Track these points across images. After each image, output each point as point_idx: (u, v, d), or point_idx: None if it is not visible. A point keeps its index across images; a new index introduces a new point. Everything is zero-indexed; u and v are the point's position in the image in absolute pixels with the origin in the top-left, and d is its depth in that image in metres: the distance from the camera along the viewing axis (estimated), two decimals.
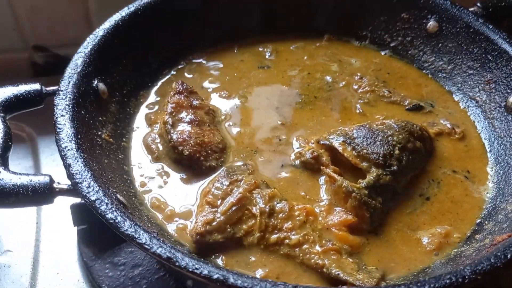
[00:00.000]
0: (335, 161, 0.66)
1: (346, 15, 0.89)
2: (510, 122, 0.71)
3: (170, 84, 0.78)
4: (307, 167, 0.67)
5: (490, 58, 0.76)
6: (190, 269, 0.45)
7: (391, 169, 0.62)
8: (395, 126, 0.67)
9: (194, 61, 0.83)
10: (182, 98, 0.71)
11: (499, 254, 0.47)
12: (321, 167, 0.65)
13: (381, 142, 0.64)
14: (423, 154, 0.68)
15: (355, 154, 0.64)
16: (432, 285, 0.44)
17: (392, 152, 0.64)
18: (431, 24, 0.83)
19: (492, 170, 0.69)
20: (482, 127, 0.74)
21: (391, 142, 0.65)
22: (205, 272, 0.45)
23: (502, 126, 0.72)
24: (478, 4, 0.82)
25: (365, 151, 0.63)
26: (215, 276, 0.45)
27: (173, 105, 0.70)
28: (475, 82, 0.78)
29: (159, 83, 0.79)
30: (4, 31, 0.99)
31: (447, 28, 0.81)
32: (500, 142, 0.71)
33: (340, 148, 0.64)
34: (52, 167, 0.83)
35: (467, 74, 0.79)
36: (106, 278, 0.66)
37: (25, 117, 0.68)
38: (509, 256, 0.47)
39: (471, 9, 0.81)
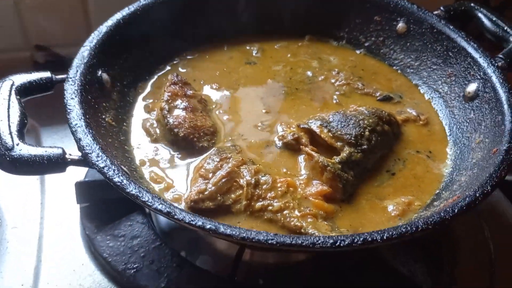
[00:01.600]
0: (313, 142, 0.74)
1: (325, 19, 0.97)
2: (467, 109, 0.80)
3: (165, 77, 0.86)
4: (288, 148, 0.75)
5: (451, 54, 0.85)
6: (187, 221, 0.53)
7: (362, 147, 0.71)
8: (366, 112, 0.76)
9: (187, 57, 0.91)
10: (177, 88, 0.79)
11: (448, 209, 0.56)
12: (301, 146, 0.73)
13: (354, 125, 0.73)
14: (390, 136, 0.76)
15: (331, 135, 0.72)
16: (390, 233, 0.53)
17: (363, 133, 0.72)
18: (400, 25, 0.92)
19: (451, 150, 0.78)
20: (444, 115, 0.83)
21: (362, 125, 0.73)
22: (199, 223, 0.53)
23: (460, 113, 0.81)
24: (442, 8, 0.92)
25: (339, 132, 0.72)
26: (208, 226, 0.52)
27: (169, 93, 0.77)
28: (438, 76, 0.87)
29: (156, 76, 0.87)
30: (9, 31, 1.06)
31: (414, 29, 0.90)
32: (458, 126, 0.80)
33: (317, 130, 0.73)
34: None
35: (431, 69, 0.88)
36: (107, 248, 0.73)
37: (29, 109, 0.75)
38: (456, 210, 0.56)
39: (435, 12, 0.91)
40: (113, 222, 0.76)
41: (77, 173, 0.77)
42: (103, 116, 0.72)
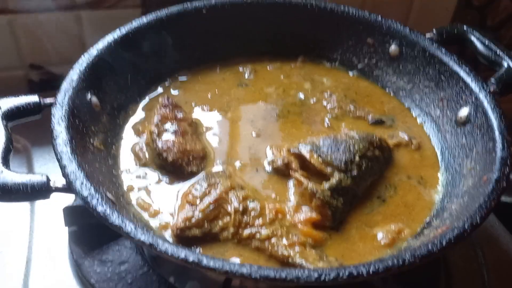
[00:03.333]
0: (303, 167, 0.73)
1: (318, 40, 0.97)
2: (459, 134, 0.79)
3: (156, 99, 0.85)
4: (278, 173, 0.74)
5: (443, 78, 0.85)
6: (169, 253, 0.52)
7: (352, 173, 0.70)
8: (357, 136, 0.76)
9: (179, 79, 0.91)
10: (168, 111, 0.79)
11: (435, 241, 0.55)
12: (291, 171, 0.72)
13: (344, 150, 0.72)
14: (381, 161, 0.76)
15: (321, 160, 0.71)
16: (376, 266, 0.52)
17: (353, 159, 0.72)
18: (393, 48, 0.92)
19: (442, 176, 0.77)
20: (436, 139, 0.83)
21: (352, 150, 0.73)
22: (182, 255, 0.52)
23: (453, 138, 0.80)
24: (434, 31, 0.92)
25: (329, 158, 0.71)
26: (191, 259, 0.52)
27: (159, 117, 0.77)
28: (431, 99, 0.86)
29: (147, 98, 0.87)
30: (4, 51, 1.07)
31: (406, 52, 0.90)
32: (450, 152, 0.79)
33: (307, 156, 0.72)
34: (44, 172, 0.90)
35: (424, 92, 0.88)
36: (94, 274, 0.72)
37: (20, 130, 0.75)
38: (444, 243, 0.55)
39: (428, 35, 0.91)
40: (101, 246, 0.75)
41: (68, 196, 0.76)
42: (91, 140, 0.72)
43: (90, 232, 0.77)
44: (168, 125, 0.76)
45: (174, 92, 0.89)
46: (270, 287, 0.73)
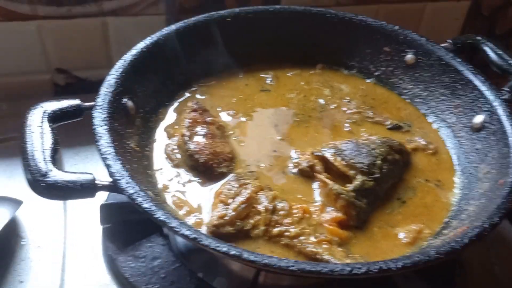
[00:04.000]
0: (327, 170, 0.77)
1: (337, 48, 1.01)
2: (474, 140, 0.83)
3: (185, 103, 0.89)
4: (303, 174, 0.78)
5: (458, 86, 0.89)
6: (212, 247, 0.56)
7: (374, 176, 0.74)
8: (378, 141, 0.80)
9: (205, 84, 0.95)
10: (197, 115, 0.83)
11: (458, 239, 0.59)
12: (315, 174, 0.77)
13: (366, 154, 0.76)
14: (401, 165, 0.80)
15: (344, 163, 0.76)
16: (404, 261, 0.56)
17: (374, 162, 0.76)
18: (409, 56, 0.96)
19: (459, 180, 0.81)
20: (451, 144, 0.87)
21: (374, 154, 0.77)
22: (225, 249, 0.56)
23: (468, 143, 0.84)
24: (449, 41, 0.96)
25: (352, 161, 0.76)
26: (232, 252, 0.56)
27: (190, 120, 0.81)
28: (446, 106, 0.91)
29: (175, 103, 0.91)
30: (32, 55, 1.11)
31: (422, 60, 0.94)
32: (465, 156, 0.83)
33: (331, 159, 0.76)
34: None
35: (439, 99, 0.92)
36: (129, 268, 0.76)
37: None
38: (466, 240, 0.59)
39: (443, 44, 0.95)
40: (134, 243, 0.79)
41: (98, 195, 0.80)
42: (128, 142, 0.76)
43: (123, 229, 0.80)
44: (198, 128, 0.81)
45: (200, 97, 0.93)
46: (298, 282, 0.77)
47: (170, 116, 0.88)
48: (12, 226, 0.83)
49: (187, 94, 0.93)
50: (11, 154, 0.98)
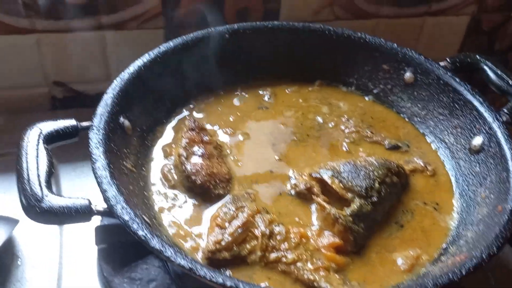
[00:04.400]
0: (324, 192, 0.77)
1: (335, 65, 1.01)
2: (472, 162, 0.83)
3: (182, 121, 0.89)
4: (300, 197, 0.78)
5: (457, 106, 0.88)
6: (208, 278, 0.55)
7: (372, 199, 0.74)
8: (376, 163, 0.79)
9: (203, 101, 0.95)
10: (194, 134, 0.82)
11: (455, 270, 0.59)
12: (313, 196, 0.76)
13: (364, 177, 0.76)
14: (399, 187, 0.79)
15: (342, 186, 0.75)
16: None
17: (373, 185, 0.75)
18: (408, 75, 0.96)
19: (457, 203, 0.80)
20: (450, 166, 0.86)
21: (372, 176, 0.76)
22: (220, 280, 0.55)
23: (466, 165, 0.84)
24: (448, 60, 0.96)
25: (350, 183, 0.75)
26: (229, 284, 0.55)
27: (187, 140, 0.80)
28: (445, 126, 0.90)
29: (173, 120, 0.90)
30: (30, 68, 1.10)
31: (421, 79, 0.94)
32: (464, 179, 0.83)
33: (329, 181, 0.76)
34: (72, 191, 0.93)
35: (438, 119, 0.92)
36: None
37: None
38: (463, 272, 0.59)
39: (441, 63, 0.95)
40: (129, 264, 0.78)
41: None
42: (124, 163, 0.75)
43: (119, 250, 0.80)
44: (195, 148, 0.80)
45: (198, 115, 0.93)
46: None
47: (168, 134, 0.88)
48: (8, 246, 0.82)
49: (185, 112, 0.93)
50: (8, 169, 0.96)
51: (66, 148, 0.94)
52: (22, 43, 1.06)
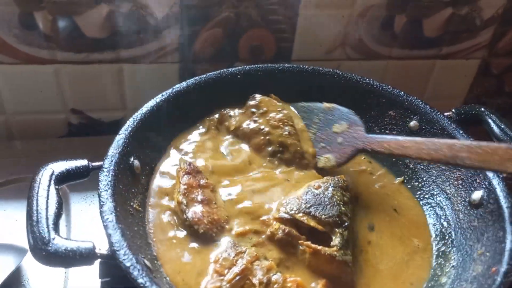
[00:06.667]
0: (297, 228, 0.78)
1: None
2: (471, 216, 0.83)
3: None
4: (284, 243, 0.77)
5: None
6: None
7: (345, 224, 0.78)
8: (329, 185, 0.82)
9: None
10: (191, 178, 0.82)
11: None
12: (298, 241, 0.77)
13: (330, 205, 0.79)
14: (352, 201, 0.85)
15: (318, 221, 0.77)
16: None
17: (341, 210, 0.78)
18: (413, 123, 0.97)
19: (453, 256, 0.81)
20: (449, 217, 0.87)
21: (335, 202, 0.79)
22: None
23: (465, 219, 0.84)
24: (453, 110, 0.98)
25: (324, 216, 0.77)
26: None
27: (185, 186, 0.81)
28: (447, 177, 0.91)
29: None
30: (48, 96, 1.15)
31: (426, 128, 0.95)
32: (462, 232, 0.83)
33: (304, 220, 0.78)
34: (81, 218, 0.98)
35: (440, 169, 0.93)
36: None
37: None
38: None
39: (447, 113, 0.96)
40: None
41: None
42: (131, 203, 0.78)
43: (122, 284, 0.82)
44: (194, 194, 0.80)
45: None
46: None
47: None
48: (17, 275, 0.85)
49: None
50: (22, 196, 1.01)
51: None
52: (41, 72, 1.11)
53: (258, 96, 0.97)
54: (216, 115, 0.98)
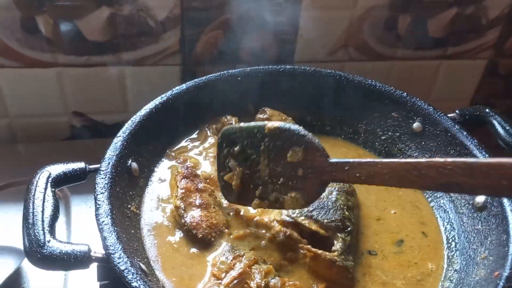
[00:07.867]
0: (300, 232, 0.77)
1: (345, 109, 1.02)
2: (475, 219, 0.82)
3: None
4: (285, 246, 0.77)
5: None
6: None
7: (349, 229, 0.76)
8: (334, 190, 0.80)
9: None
10: (189, 183, 0.81)
11: None
12: (300, 245, 0.75)
13: (333, 209, 0.77)
14: (356, 207, 0.82)
15: (319, 225, 0.76)
16: None
17: (344, 215, 0.77)
18: (416, 124, 0.95)
19: (457, 260, 0.80)
20: (453, 220, 0.86)
21: (339, 206, 0.78)
22: None
23: (469, 222, 0.83)
24: (457, 111, 0.96)
25: (326, 221, 0.76)
26: None
27: (183, 190, 0.80)
28: None
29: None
30: (51, 99, 1.15)
31: (429, 129, 0.94)
32: (466, 235, 0.82)
33: (306, 224, 0.76)
34: (82, 220, 0.97)
35: None
36: None
37: None
38: None
39: (450, 114, 0.94)
40: None
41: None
42: (129, 206, 0.78)
43: (120, 287, 0.82)
44: (192, 199, 0.79)
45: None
46: None
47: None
48: (16, 277, 0.85)
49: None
50: (23, 198, 1.01)
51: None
52: (43, 75, 1.11)
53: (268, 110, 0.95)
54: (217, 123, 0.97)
